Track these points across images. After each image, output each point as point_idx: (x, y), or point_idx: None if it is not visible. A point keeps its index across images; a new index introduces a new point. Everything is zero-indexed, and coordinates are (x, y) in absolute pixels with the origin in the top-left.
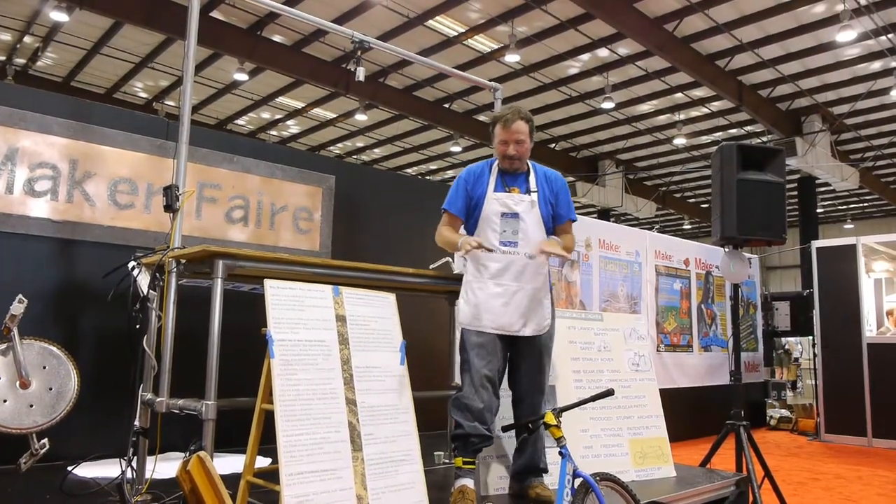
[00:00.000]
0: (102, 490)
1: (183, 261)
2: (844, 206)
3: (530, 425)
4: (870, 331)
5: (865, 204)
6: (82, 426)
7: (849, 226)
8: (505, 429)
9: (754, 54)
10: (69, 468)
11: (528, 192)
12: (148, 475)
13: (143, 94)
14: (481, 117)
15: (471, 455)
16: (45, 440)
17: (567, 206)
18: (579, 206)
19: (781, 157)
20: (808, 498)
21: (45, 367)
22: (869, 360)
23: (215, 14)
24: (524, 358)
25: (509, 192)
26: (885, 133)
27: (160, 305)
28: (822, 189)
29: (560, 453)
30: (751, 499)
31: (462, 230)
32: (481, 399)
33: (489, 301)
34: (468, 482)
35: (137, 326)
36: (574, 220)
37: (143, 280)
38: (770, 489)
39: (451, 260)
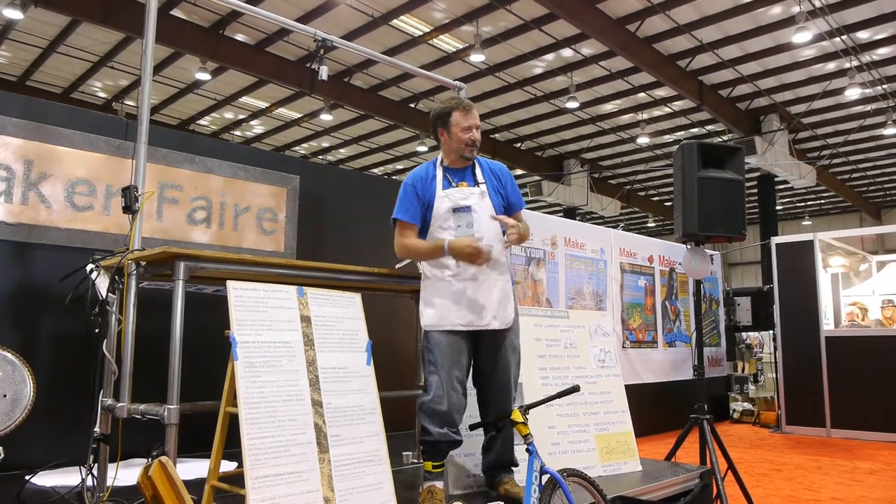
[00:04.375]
0: (62, 499)
1: (143, 263)
2: (802, 203)
3: (497, 424)
4: (827, 324)
5: (822, 201)
6: (40, 433)
7: (807, 222)
8: (472, 427)
9: (714, 55)
10: (27, 477)
11: (476, 184)
12: (109, 482)
13: (102, 94)
14: None
15: (440, 459)
16: (1, 448)
17: (517, 195)
18: (545, 205)
19: (741, 155)
20: (770, 488)
21: None
22: (827, 353)
23: (176, 12)
24: (491, 355)
25: (457, 187)
26: (840, 132)
27: (120, 309)
28: (781, 187)
29: (527, 450)
30: (714, 491)
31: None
32: (450, 401)
33: (454, 298)
34: (437, 483)
35: (97, 331)
36: (523, 208)
37: (102, 283)
38: (733, 481)
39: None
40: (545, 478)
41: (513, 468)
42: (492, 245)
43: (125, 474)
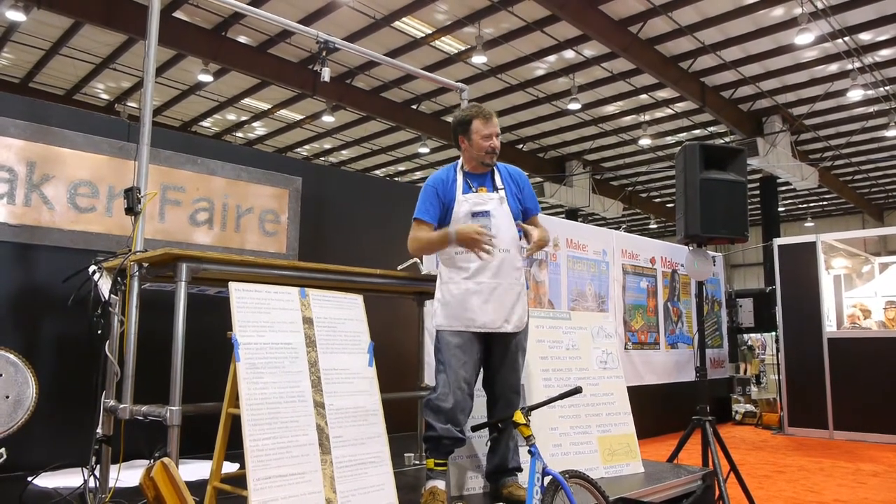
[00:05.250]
0: (64, 500)
1: (145, 264)
2: (805, 205)
3: (499, 425)
4: (830, 326)
5: (825, 202)
6: (43, 435)
7: (809, 224)
8: (475, 428)
9: (716, 56)
10: (29, 478)
11: (495, 189)
12: (112, 484)
13: (105, 96)
14: (449, 118)
15: (442, 457)
16: (3, 450)
17: (533, 200)
18: (547, 207)
19: (743, 157)
20: (773, 490)
21: (1, 375)
22: (829, 354)
23: (178, 14)
24: (500, 357)
25: (477, 192)
26: (842, 133)
27: (122, 310)
28: (783, 188)
29: (529, 452)
30: (717, 493)
31: None
32: (455, 400)
33: (468, 300)
34: (439, 483)
35: (99, 332)
36: (539, 213)
37: (105, 284)
38: (736, 483)
39: (419, 261)
40: (547, 479)
41: (517, 473)
42: (509, 249)
43: (127, 475)
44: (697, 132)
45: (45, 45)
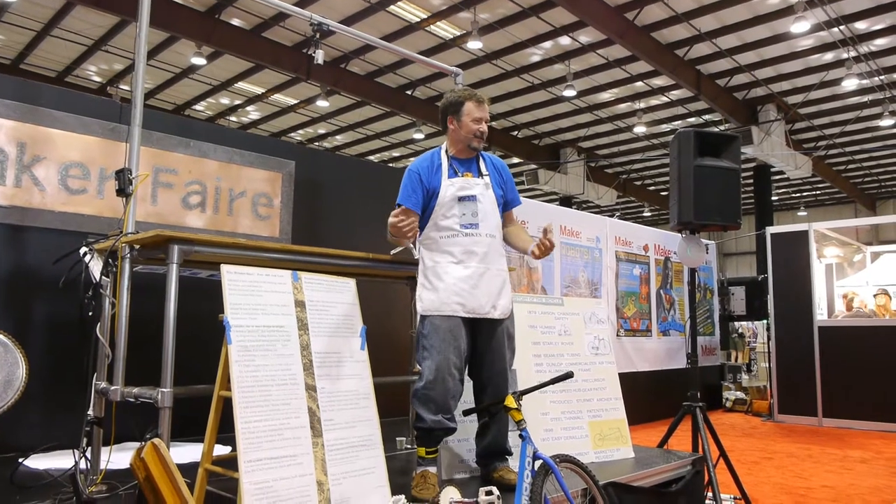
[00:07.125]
0: (55, 481)
1: (137, 246)
2: (798, 194)
3: (491, 409)
4: (821, 314)
5: (818, 192)
6: (34, 416)
7: (802, 213)
8: (466, 413)
9: (712, 44)
10: (20, 459)
11: (480, 175)
12: (102, 465)
13: (97, 78)
14: None
15: (433, 446)
16: None
17: (514, 192)
18: (541, 194)
19: (737, 144)
20: (762, 476)
21: None
22: (820, 343)
23: None
24: (487, 343)
25: (463, 177)
26: (836, 123)
27: (114, 292)
28: (777, 177)
29: (520, 436)
30: (706, 478)
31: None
32: (445, 387)
33: (457, 284)
34: (430, 468)
35: (90, 314)
36: (520, 205)
37: (96, 266)
38: (725, 468)
39: (412, 246)
40: (538, 463)
41: (507, 457)
42: (494, 235)
43: (119, 458)
44: (692, 120)
45: (36, 26)
